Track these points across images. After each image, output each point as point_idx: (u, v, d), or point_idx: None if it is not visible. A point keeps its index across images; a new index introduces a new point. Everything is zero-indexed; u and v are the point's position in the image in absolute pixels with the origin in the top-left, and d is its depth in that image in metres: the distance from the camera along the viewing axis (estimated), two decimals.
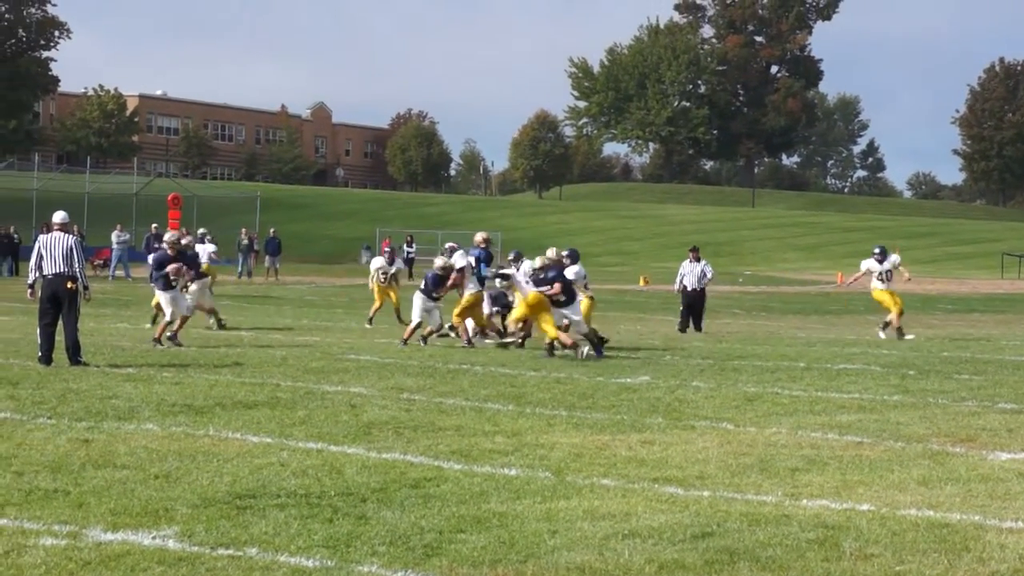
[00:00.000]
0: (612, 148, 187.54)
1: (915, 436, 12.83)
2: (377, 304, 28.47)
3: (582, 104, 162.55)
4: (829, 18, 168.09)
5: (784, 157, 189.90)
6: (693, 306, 28.64)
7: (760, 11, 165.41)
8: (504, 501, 9.39)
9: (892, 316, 27.52)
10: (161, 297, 22.14)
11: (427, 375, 17.90)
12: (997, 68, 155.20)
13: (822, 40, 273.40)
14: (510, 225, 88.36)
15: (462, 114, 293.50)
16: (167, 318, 21.92)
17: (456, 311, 23.55)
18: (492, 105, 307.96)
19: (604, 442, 12.21)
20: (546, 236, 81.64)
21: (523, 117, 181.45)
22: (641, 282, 57.04)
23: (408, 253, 59.05)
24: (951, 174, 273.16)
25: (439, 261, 24.29)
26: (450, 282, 23.45)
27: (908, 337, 27.03)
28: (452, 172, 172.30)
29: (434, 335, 23.80)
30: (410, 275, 29.28)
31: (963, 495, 9.88)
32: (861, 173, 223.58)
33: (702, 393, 16.29)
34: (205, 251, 29.25)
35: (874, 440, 12.54)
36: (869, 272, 28.02)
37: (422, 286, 23.89)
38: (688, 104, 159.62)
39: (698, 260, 29.07)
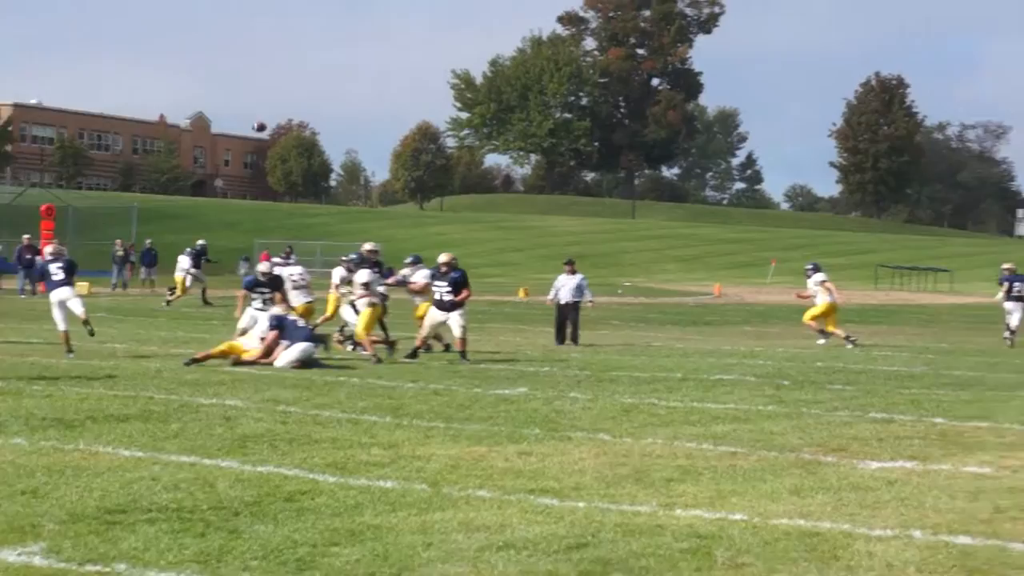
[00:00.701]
0: (494, 159, 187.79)
1: (788, 446, 12.97)
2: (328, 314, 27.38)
3: (464, 115, 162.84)
4: (710, 32, 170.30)
5: (664, 169, 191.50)
6: (568, 318, 28.66)
7: (642, 24, 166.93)
8: (379, 514, 9.33)
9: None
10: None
11: (303, 387, 17.76)
12: (873, 82, 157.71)
13: (702, 53, 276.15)
14: (391, 236, 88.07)
15: (343, 125, 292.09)
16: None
17: (361, 326, 23.21)
18: (373, 116, 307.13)
19: (481, 453, 12.19)
20: (427, 247, 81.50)
21: (405, 128, 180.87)
22: (521, 293, 57.12)
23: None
24: (828, 186, 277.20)
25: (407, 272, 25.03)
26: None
27: (820, 342, 29.06)
28: (333, 183, 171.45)
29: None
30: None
31: (834, 504, 9.99)
32: (740, 185, 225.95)
33: (579, 404, 16.34)
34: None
35: (748, 450, 12.65)
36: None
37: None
38: (570, 116, 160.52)
39: (574, 273, 29.13)
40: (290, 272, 25.00)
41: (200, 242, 46.63)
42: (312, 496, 9.93)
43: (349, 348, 24.03)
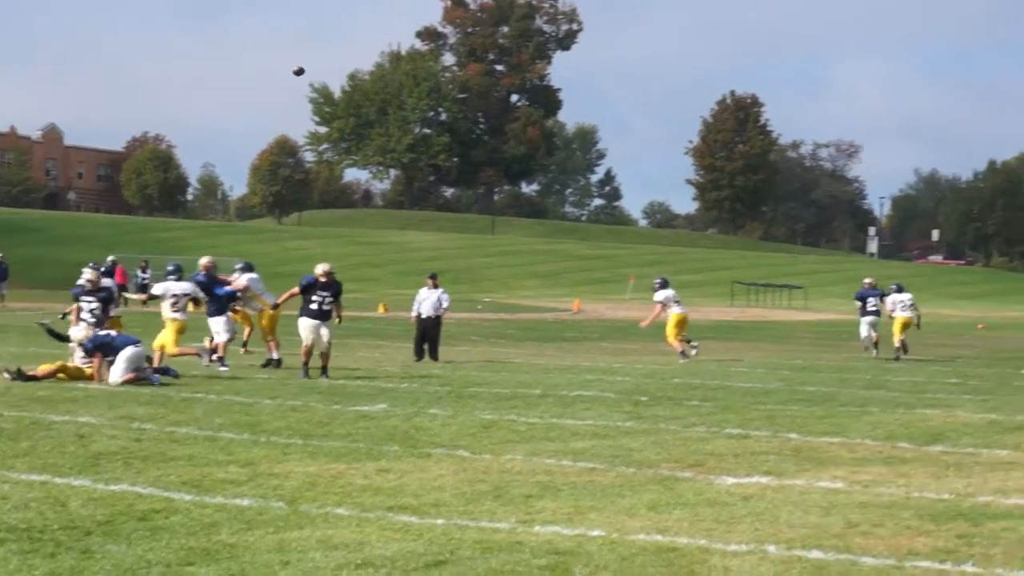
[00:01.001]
0: (353, 174, 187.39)
1: (646, 462, 13.06)
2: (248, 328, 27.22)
3: (323, 130, 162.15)
4: (568, 48, 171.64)
5: (524, 185, 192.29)
6: (428, 334, 28.62)
7: (501, 40, 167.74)
8: (235, 532, 9.22)
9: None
10: None
11: (159, 404, 17.51)
12: (728, 101, 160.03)
13: (561, 70, 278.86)
14: (248, 251, 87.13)
15: (200, 138, 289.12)
16: None
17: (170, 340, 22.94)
18: (231, 129, 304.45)
19: (339, 471, 12.11)
20: (285, 262, 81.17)
21: (263, 142, 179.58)
22: (381, 309, 56.94)
23: (142, 279, 57.90)
24: (685, 203, 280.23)
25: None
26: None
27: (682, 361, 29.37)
28: (189, 197, 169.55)
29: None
30: (144, 301, 28.53)
31: (691, 519, 10.08)
32: (599, 202, 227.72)
33: (439, 421, 16.31)
34: None
35: (607, 466, 12.72)
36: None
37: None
38: (429, 131, 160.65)
39: (436, 287, 29.13)
40: (182, 288, 24.14)
41: (110, 258, 45.85)
42: (167, 515, 9.78)
43: (206, 363, 23.66)
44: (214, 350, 23.62)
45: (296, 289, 23.27)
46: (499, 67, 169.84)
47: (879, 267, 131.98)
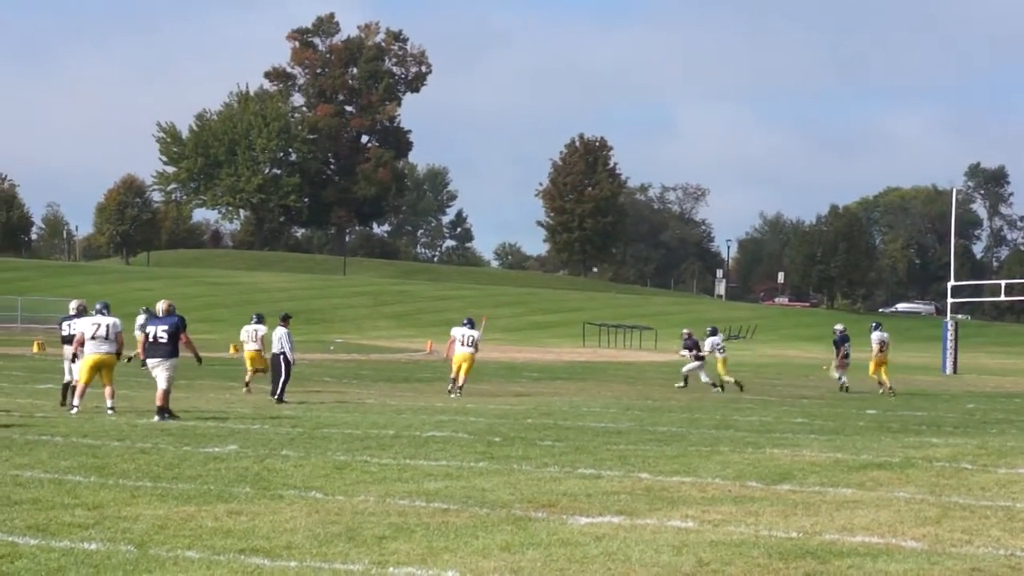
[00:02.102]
0: (202, 214, 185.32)
1: (500, 502, 13.08)
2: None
3: (171, 169, 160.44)
4: (418, 90, 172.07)
5: (375, 226, 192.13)
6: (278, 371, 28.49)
7: (350, 81, 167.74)
8: None
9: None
10: None
11: (2, 447, 17.12)
12: (577, 144, 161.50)
13: (411, 111, 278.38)
14: (94, 292, 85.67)
15: (44, 177, 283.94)
16: None
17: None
18: (76, 168, 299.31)
19: (190, 513, 11.96)
20: (133, 303, 79.80)
21: (109, 181, 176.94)
22: (232, 350, 56.35)
23: None
24: (536, 245, 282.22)
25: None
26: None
27: None
28: (33, 236, 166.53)
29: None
30: None
31: (544, 559, 10.11)
32: (450, 243, 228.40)
33: (291, 462, 16.18)
34: None
35: (460, 506, 12.71)
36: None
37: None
38: (279, 172, 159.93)
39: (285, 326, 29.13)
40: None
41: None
42: (11, 559, 9.59)
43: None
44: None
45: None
46: (349, 108, 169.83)
47: (726, 308, 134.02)
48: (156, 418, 21.93)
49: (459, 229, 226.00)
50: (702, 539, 11.21)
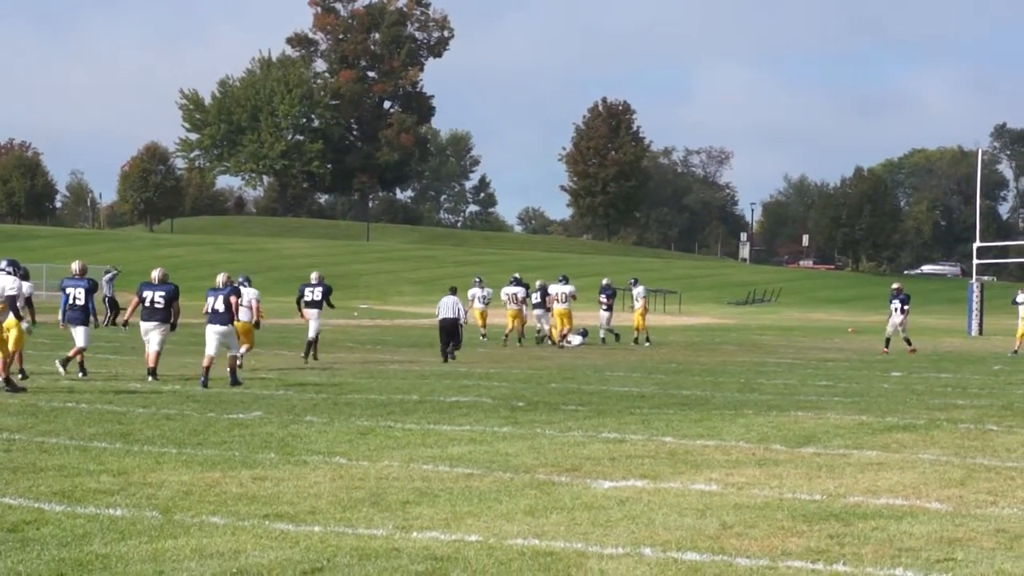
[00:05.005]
0: (226, 181, 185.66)
1: (523, 466, 13.10)
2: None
3: (194, 136, 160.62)
4: (440, 55, 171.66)
5: (398, 191, 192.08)
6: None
7: (372, 47, 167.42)
8: (108, 543, 9.10)
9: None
10: None
11: (29, 414, 17.21)
12: (600, 108, 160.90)
13: (434, 77, 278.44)
14: (119, 259, 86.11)
15: (68, 145, 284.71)
16: None
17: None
18: (100, 136, 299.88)
19: (214, 479, 12.00)
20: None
21: (133, 149, 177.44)
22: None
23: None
24: (559, 210, 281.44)
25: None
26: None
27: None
28: (58, 204, 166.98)
29: None
30: None
31: (567, 523, 10.12)
32: (473, 208, 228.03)
33: (315, 428, 16.22)
34: None
35: (484, 471, 12.73)
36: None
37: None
38: (302, 138, 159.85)
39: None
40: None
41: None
42: (37, 526, 9.63)
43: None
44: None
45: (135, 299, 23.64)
46: (371, 73, 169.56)
47: (751, 272, 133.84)
48: (150, 379, 22.69)
49: (482, 194, 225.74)
50: (726, 502, 11.21)
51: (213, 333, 22.90)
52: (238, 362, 23.64)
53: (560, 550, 9.09)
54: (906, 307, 39.05)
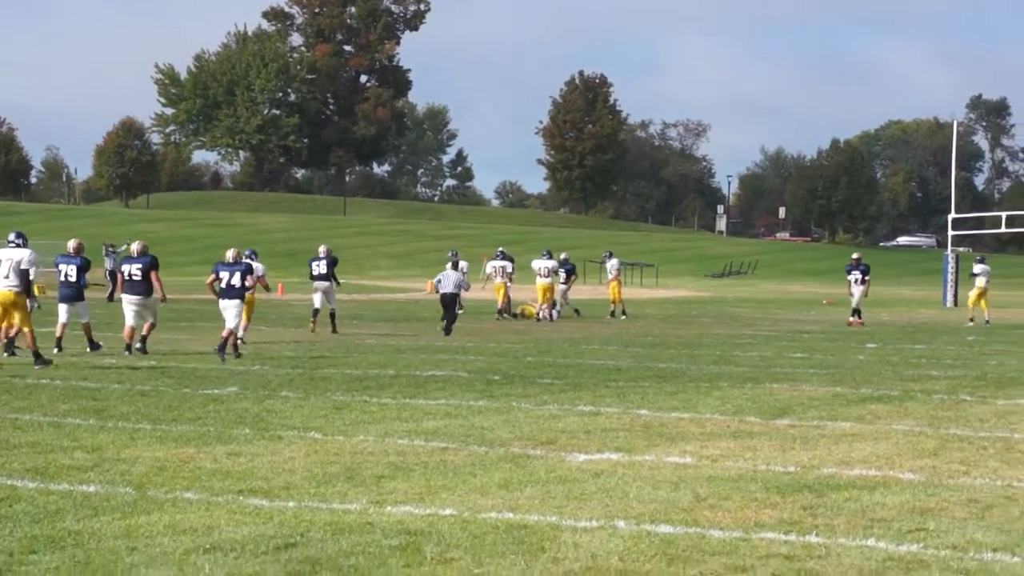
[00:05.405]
0: (202, 156, 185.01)
1: (498, 440, 13.11)
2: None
3: (169, 111, 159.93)
4: (416, 28, 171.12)
5: (375, 166, 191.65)
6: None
7: (348, 20, 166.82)
8: (81, 519, 9.08)
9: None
10: None
11: (2, 391, 17.15)
12: (577, 81, 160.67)
13: (410, 50, 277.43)
14: (95, 234, 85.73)
15: (43, 120, 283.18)
16: None
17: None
18: (75, 111, 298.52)
19: (189, 455, 11.99)
20: None
21: (108, 124, 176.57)
22: None
23: None
24: (536, 183, 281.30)
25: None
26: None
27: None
28: (33, 180, 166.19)
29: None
30: None
31: (542, 497, 10.14)
32: (451, 182, 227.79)
33: (291, 403, 16.21)
34: None
35: (459, 445, 12.74)
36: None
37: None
38: (278, 112, 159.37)
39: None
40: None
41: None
42: (10, 503, 9.61)
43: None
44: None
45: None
46: (348, 47, 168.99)
47: (728, 244, 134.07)
48: (131, 351, 23.19)
49: (459, 168, 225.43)
50: (700, 474, 11.24)
51: (229, 307, 23.59)
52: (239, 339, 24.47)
53: (534, 523, 9.11)
54: (867, 277, 38.82)
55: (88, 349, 23.71)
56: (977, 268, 41.78)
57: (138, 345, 23.41)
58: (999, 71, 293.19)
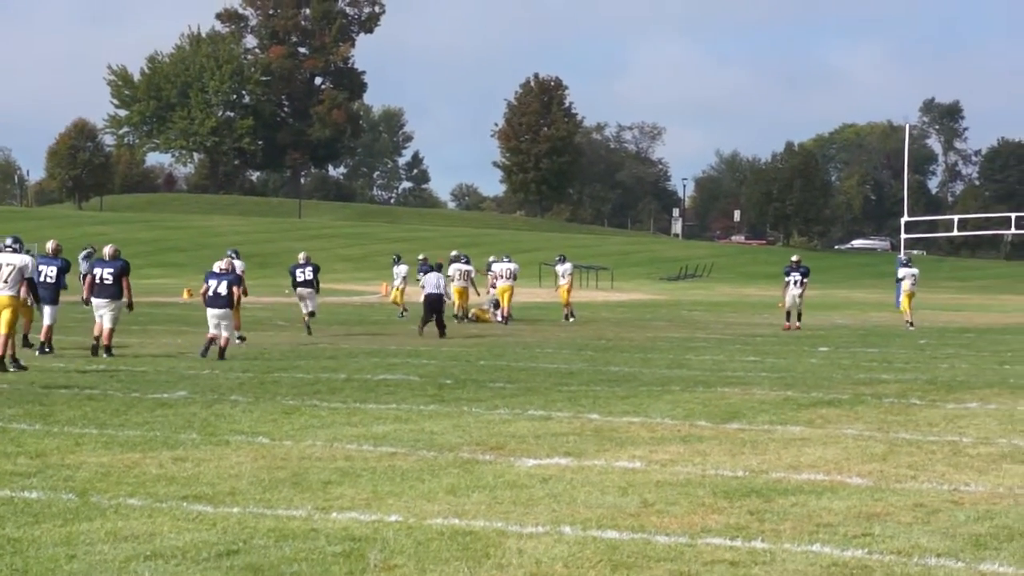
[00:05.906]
0: (156, 158, 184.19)
1: (447, 445, 13.06)
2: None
3: (123, 113, 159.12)
4: (371, 31, 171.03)
5: (330, 168, 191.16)
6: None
7: (303, 23, 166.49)
8: (21, 526, 8.98)
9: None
10: None
11: None
12: (532, 84, 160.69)
13: (365, 52, 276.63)
14: (47, 237, 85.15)
15: None
16: None
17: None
18: (27, 112, 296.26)
19: (134, 460, 11.88)
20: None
21: (61, 125, 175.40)
22: (185, 294, 56.12)
23: None
24: (492, 186, 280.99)
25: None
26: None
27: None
28: None
29: None
30: None
31: (489, 502, 10.09)
32: (407, 184, 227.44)
33: (240, 407, 16.10)
34: None
35: (408, 450, 12.68)
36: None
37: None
38: (232, 114, 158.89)
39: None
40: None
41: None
42: None
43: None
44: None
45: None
46: (302, 49, 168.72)
47: (683, 247, 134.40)
48: (104, 355, 23.28)
49: (415, 171, 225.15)
50: (648, 479, 11.22)
51: (212, 316, 23.94)
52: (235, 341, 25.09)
53: (480, 529, 9.06)
54: (805, 280, 38.20)
55: (38, 352, 23.59)
56: (902, 272, 41.77)
57: (105, 355, 23.37)
58: (952, 74, 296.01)
